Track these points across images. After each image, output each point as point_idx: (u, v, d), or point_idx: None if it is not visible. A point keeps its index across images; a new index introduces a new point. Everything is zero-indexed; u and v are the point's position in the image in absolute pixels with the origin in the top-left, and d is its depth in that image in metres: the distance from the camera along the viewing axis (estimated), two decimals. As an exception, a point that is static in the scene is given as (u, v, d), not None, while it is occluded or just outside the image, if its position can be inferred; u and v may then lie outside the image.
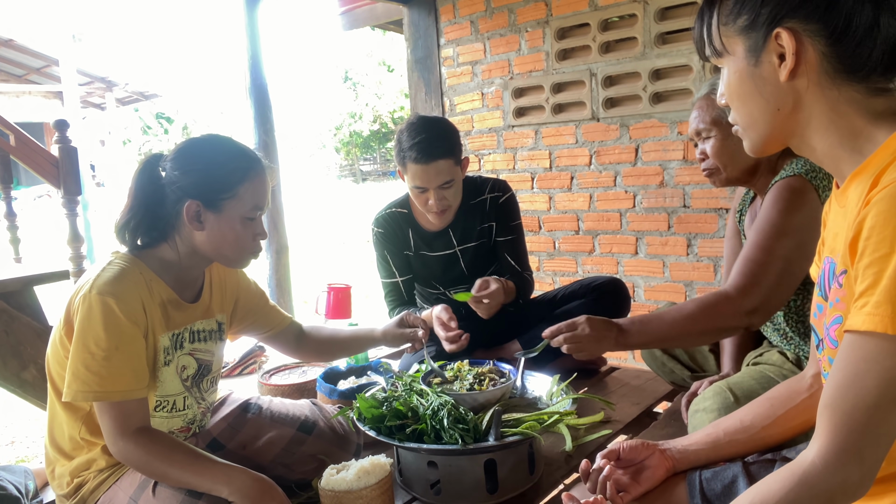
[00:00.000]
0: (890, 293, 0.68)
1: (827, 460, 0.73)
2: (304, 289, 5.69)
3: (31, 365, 2.70)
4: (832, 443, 0.73)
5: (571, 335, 1.37)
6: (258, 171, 1.35)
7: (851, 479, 0.73)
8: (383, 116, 26.51)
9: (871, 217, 0.71)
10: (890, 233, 0.68)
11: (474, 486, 1.36)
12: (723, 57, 0.87)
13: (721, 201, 2.73)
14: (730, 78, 0.86)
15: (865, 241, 0.71)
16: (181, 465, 1.20)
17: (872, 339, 0.70)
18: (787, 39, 0.78)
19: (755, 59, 0.83)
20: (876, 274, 0.69)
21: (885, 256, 0.68)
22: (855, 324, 0.71)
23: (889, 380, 0.69)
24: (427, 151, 1.90)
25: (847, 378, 0.72)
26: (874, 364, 0.70)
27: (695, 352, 1.81)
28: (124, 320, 1.20)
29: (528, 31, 3.17)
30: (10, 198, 3.24)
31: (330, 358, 1.87)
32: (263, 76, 3.46)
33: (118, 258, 1.30)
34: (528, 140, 3.29)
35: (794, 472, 0.76)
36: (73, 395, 1.19)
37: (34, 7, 25.50)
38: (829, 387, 0.75)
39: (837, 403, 0.73)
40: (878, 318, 0.68)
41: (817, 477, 0.74)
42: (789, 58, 0.79)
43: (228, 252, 1.35)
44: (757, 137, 0.87)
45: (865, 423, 0.71)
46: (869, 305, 0.69)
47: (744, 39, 0.83)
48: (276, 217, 3.58)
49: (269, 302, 1.64)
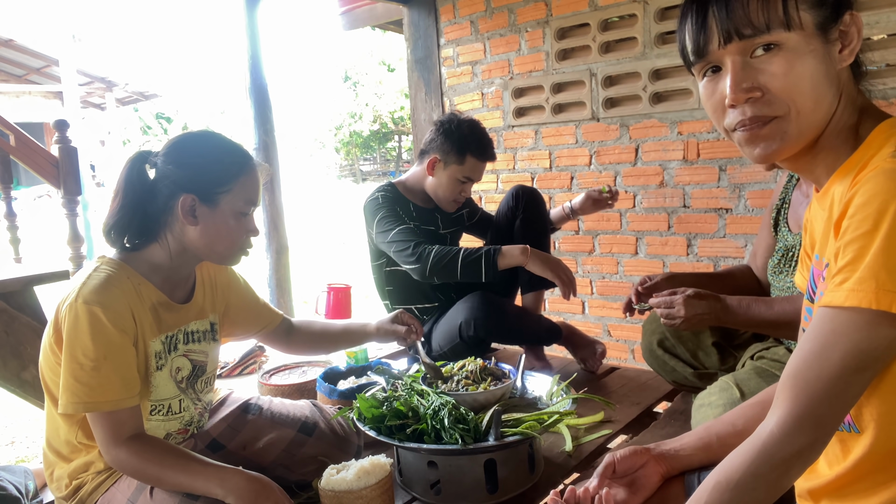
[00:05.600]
0: (873, 269, 0.68)
1: (785, 429, 0.74)
2: (304, 289, 5.69)
3: (31, 365, 2.70)
4: (792, 411, 0.74)
5: (667, 313, 1.52)
6: (251, 166, 1.36)
7: (808, 444, 0.74)
8: (383, 116, 26.51)
9: (858, 195, 0.71)
10: (874, 209, 0.68)
11: (474, 486, 1.36)
12: (791, 30, 0.76)
13: (721, 201, 2.73)
14: (798, 57, 0.76)
15: (850, 219, 0.71)
16: (175, 469, 1.19)
17: (846, 312, 0.70)
18: (858, 21, 0.78)
19: (826, 38, 0.77)
20: (858, 250, 0.69)
21: (869, 232, 0.68)
22: (835, 300, 0.71)
23: (855, 352, 0.70)
24: (488, 151, 2.27)
25: (815, 349, 0.73)
26: (843, 336, 0.71)
27: (697, 349, 1.80)
28: (112, 329, 1.19)
29: (528, 31, 3.17)
30: (10, 198, 3.24)
31: (322, 352, 1.86)
32: (263, 76, 3.46)
33: (105, 264, 1.28)
34: (528, 140, 3.29)
35: (754, 444, 0.77)
36: (64, 407, 1.19)
37: (34, 7, 25.50)
38: (797, 357, 0.76)
39: (802, 373, 0.74)
40: (863, 294, 0.68)
41: (776, 445, 0.75)
42: (857, 41, 0.77)
43: (221, 248, 1.34)
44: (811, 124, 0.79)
45: (826, 392, 0.72)
46: (851, 281, 0.69)
47: (816, 13, 0.77)
48: (276, 217, 3.58)
49: (260, 299, 1.63)
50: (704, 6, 0.80)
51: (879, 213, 0.68)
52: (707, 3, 0.80)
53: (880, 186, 0.69)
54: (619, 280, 3.07)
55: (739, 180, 2.67)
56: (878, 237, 0.68)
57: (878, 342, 0.70)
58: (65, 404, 1.19)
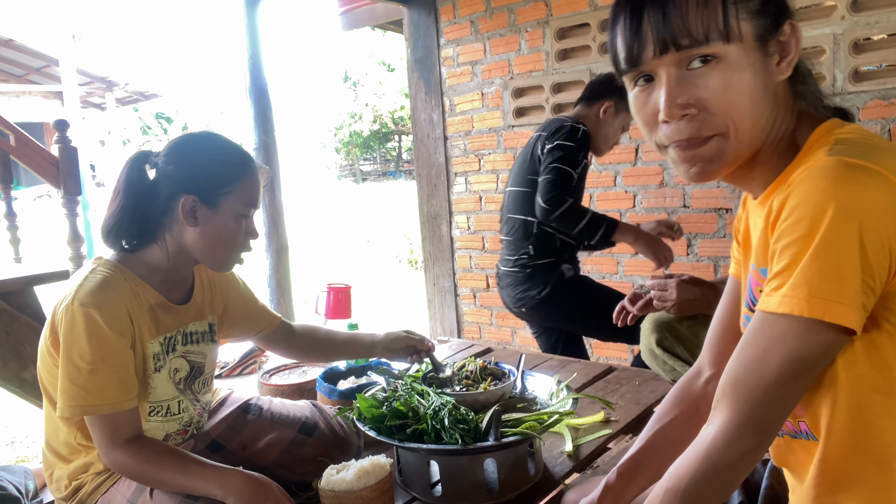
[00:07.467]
0: (806, 275, 0.67)
1: (728, 435, 0.74)
2: (304, 289, 5.68)
3: (31, 365, 2.70)
4: (734, 417, 0.74)
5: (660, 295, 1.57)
6: (253, 168, 1.36)
7: (751, 448, 0.74)
8: (383, 116, 26.51)
9: (793, 196, 0.70)
10: (809, 213, 0.67)
11: (474, 486, 1.36)
12: (729, 43, 0.72)
13: (721, 201, 2.73)
14: (736, 71, 0.72)
15: (784, 222, 0.70)
16: (174, 471, 1.19)
17: (783, 319, 0.70)
18: (797, 32, 0.76)
19: (765, 50, 0.74)
20: (793, 256, 0.68)
21: (803, 237, 0.68)
22: (770, 305, 0.71)
23: (793, 359, 0.70)
24: None
25: (754, 356, 0.73)
26: (781, 344, 0.71)
27: (696, 349, 1.80)
28: (109, 332, 1.19)
29: (528, 31, 3.17)
30: (10, 198, 3.24)
31: (322, 360, 1.85)
32: (263, 76, 3.45)
33: (101, 265, 1.27)
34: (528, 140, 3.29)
35: (698, 451, 0.77)
36: (62, 410, 1.18)
37: (34, 7, 25.49)
38: (736, 363, 0.76)
39: (741, 379, 0.74)
40: (795, 301, 0.68)
41: (720, 452, 0.75)
42: (795, 52, 0.75)
43: (220, 250, 1.33)
44: (748, 141, 0.76)
45: (767, 398, 0.72)
46: (785, 287, 0.69)
47: (754, 24, 0.73)
48: (276, 217, 3.57)
49: (259, 301, 1.63)
50: (639, 11, 0.74)
51: (815, 216, 0.67)
52: (642, 8, 0.74)
53: (814, 186, 0.68)
54: (620, 280, 3.07)
55: (739, 180, 2.67)
56: (813, 243, 0.67)
57: (816, 347, 0.69)
58: (62, 408, 1.18)
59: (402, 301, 6.32)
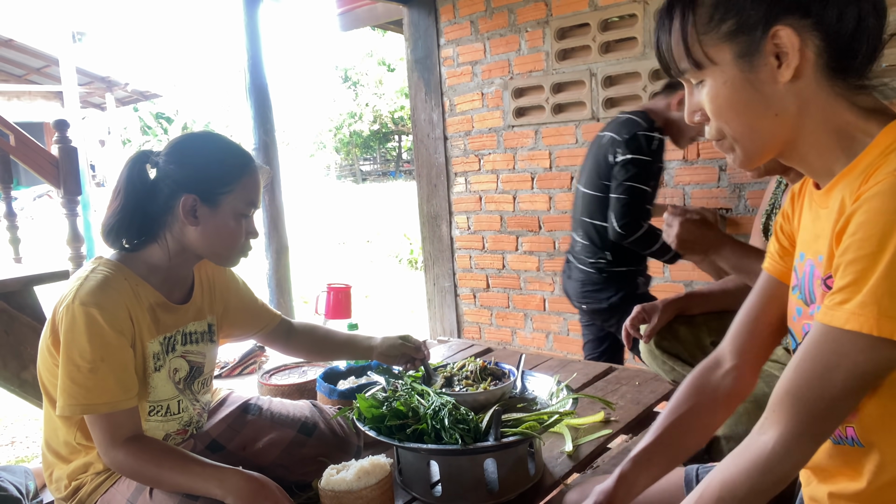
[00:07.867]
0: (876, 294, 0.68)
1: (788, 447, 0.76)
2: (304, 289, 5.69)
3: (31, 365, 2.70)
4: (793, 429, 0.76)
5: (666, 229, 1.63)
6: (253, 167, 1.36)
7: (805, 458, 0.78)
8: (383, 116, 26.52)
9: (861, 213, 0.70)
10: (879, 230, 0.68)
11: (474, 486, 1.36)
12: (704, 69, 0.81)
13: (721, 201, 2.73)
14: (716, 90, 0.81)
15: (851, 237, 0.70)
16: (173, 470, 1.19)
17: (850, 335, 0.70)
18: (790, 37, 0.76)
19: (749, 65, 0.79)
20: (861, 272, 0.69)
21: (873, 255, 0.68)
22: (836, 321, 0.71)
23: (858, 374, 0.71)
24: None
25: (816, 369, 0.74)
26: (846, 359, 0.71)
27: (696, 349, 1.80)
28: (109, 331, 1.19)
29: (528, 31, 3.17)
30: (10, 198, 3.24)
31: (321, 358, 1.85)
32: (263, 76, 3.46)
33: (102, 265, 1.27)
34: (529, 140, 3.29)
35: (755, 460, 0.78)
36: (62, 409, 1.19)
37: (34, 7, 25.48)
38: (795, 375, 0.76)
39: (802, 392, 0.75)
40: (864, 319, 0.68)
41: (779, 462, 0.77)
42: (793, 56, 0.76)
43: (220, 249, 1.34)
44: (754, 148, 0.83)
45: (827, 411, 0.74)
46: (852, 304, 0.69)
47: (732, 45, 0.79)
48: (276, 217, 3.58)
49: (259, 300, 1.63)
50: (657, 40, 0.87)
51: (884, 235, 0.67)
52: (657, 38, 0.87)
53: (884, 206, 0.68)
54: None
55: (739, 180, 2.68)
56: (882, 261, 0.67)
57: (881, 363, 0.70)
58: (62, 406, 1.18)
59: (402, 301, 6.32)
